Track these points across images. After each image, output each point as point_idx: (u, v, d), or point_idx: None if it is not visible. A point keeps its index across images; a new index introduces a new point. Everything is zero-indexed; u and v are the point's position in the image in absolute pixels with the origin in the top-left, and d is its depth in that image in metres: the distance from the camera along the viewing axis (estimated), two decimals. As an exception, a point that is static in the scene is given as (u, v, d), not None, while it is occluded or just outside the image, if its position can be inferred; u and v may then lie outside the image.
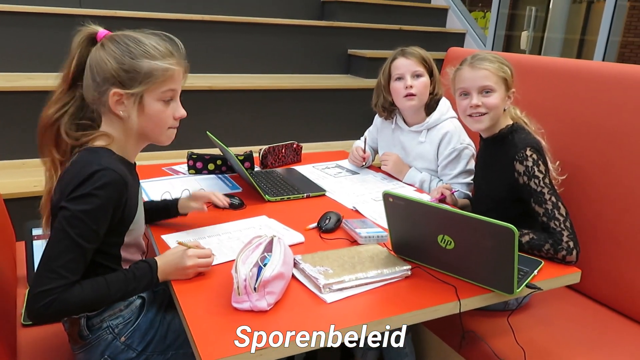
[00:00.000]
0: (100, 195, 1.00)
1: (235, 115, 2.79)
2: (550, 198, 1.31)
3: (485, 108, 1.39)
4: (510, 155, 1.36)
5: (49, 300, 0.96)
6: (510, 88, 1.41)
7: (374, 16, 3.68)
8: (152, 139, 1.16)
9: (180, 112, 1.15)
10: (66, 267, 0.98)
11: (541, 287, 1.15)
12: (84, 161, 1.04)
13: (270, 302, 0.99)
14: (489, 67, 1.38)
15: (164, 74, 1.08)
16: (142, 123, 1.10)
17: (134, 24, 3.04)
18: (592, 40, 3.24)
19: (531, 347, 1.28)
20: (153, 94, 1.08)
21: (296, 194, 1.59)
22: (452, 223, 1.09)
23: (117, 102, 1.07)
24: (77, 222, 0.99)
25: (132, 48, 1.07)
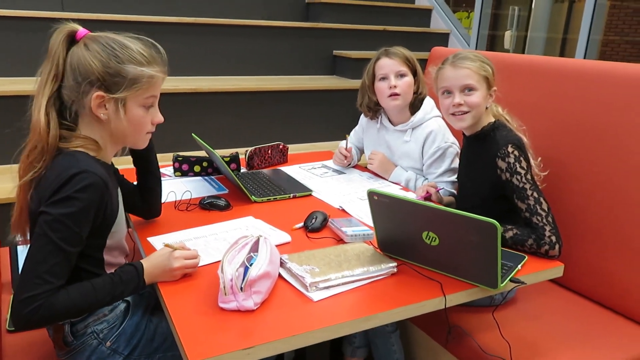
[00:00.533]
0: (81, 198, 1.00)
1: (221, 118, 2.79)
2: (532, 194, 1.33)
3: (467, 106, 1.41)
4: (492, 153, 1.38)
5: (35, 306, 0.95)
6: (491, 86, 1.43)
7: (358, 17, 3.69)
8: (129, 143, 1.17)
9: (158, 117, 1.17)
10: (51, 272, 0.97)
11: (525, 281, 1.16)
12: (63, 165, 1.04)
13: (257, 301, 1.00)
14: (471, 66, 1.40)
15: (149, 80, 1.09)
16: (122, 127, 1.11)
17: (117, 27, 3.01)
18: (574, 39, 3.29)
19: (517, 341, 1.30)
20: (136, 99, 1.09)
21: (282, 195, 1.60)
22: (436, 219, 1.10)
23: (99, 105, 1.07)
24: (60, 226, 0.98)
25: (118, 52, 1.06)
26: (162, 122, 1.17)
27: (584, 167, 1.54)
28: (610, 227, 1.48)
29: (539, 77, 1.71)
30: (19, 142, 2.42)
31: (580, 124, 1.55)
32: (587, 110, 1.54)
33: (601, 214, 1.50)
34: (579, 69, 1.60)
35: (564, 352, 1.30)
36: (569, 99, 1.60)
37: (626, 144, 1.44)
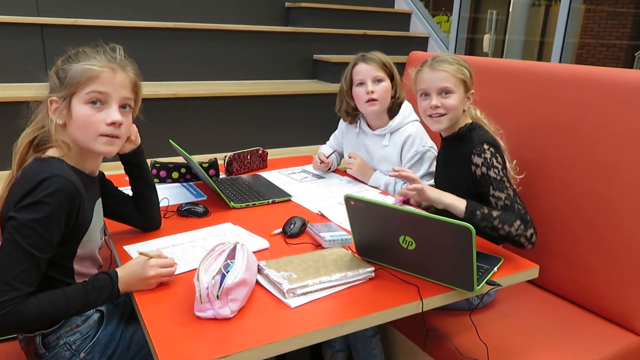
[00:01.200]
0: (50, 203, 0.99)
1: (200, 123, 2.77)
2: (511, 186, 1.36)
3: (444, 109, 1.42)
4: (468, 151, 1.40)
5: (3, 313, 0.93)
6: (469, 89, 1.44)
7: (338, 21, 3.71)
8: (88, 148, 1.10)
9: (112, 117, 1.09)
10: (19, 278, 0.96)
11: (501, 283, 1.18)
12: (34, 170, 1.03)
13: (234, 309, 0.99)
14: (448, 69, 1.41)
15: (84, 74, 1.07)
16: (73, 130, 1.09)
17: (93, 32, 3.01)
18: (551, 42, 3.34)
19: (494, 342, 1.32)
20: (78, 96, 1.07)
21: (261, 200, 1.59)
22: (412, 224, 1.11)
23: (55, 110, 1.09)
24: (28, 232, 0.97)
25: (70, 59, 1.10)
26: (118, 121, 1.10)
27: (558, 168, 1.57)
28: (583, 227, 1.50)
29: (514, 81, 1.74)
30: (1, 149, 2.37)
31: (555, 126, 1.58)
32: (561, 112, 1.57)
33: (575, 214, 1.52)
34: (551, 72, 1.63)
35: (540, 352, 1.32)
36: (543, 101, 1.63)
37: (599, 144, 1.47)
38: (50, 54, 2.70)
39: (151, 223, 1.36)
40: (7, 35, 2.60)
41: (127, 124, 1.15)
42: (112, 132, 1.10)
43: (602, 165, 1.46)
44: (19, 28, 2.62)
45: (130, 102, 1.15)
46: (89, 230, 1.11)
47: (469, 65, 1.46)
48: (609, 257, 1.44)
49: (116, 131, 1.11)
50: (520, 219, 1.30)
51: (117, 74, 1.10)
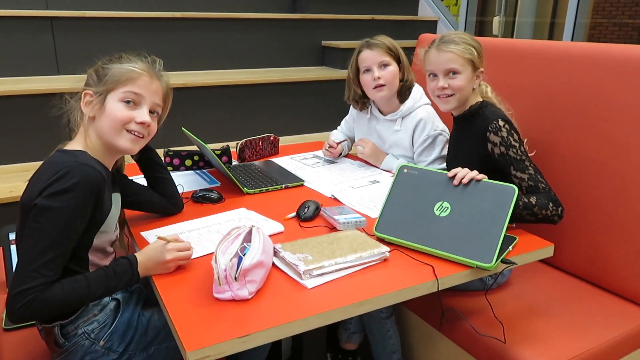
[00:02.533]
0: (78, 191, 1.01)
1: (211, 111, 2.78)
2: (530, 164, 1.37)
3: (451, 90, 1.43)
4: (482, 127, 1.39)
5: (28, 300, 0.95)
6: (477, 68, 1.44)
7: (346, 7, 3.69)
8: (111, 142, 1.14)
9: (142, 117, 1.15)
10: (46, 266, 0.98)
11: (516, 262, 1.18)
12: (59, 160, 1.06)
13: (252, 290, 1.00)
14: (454, 49, 1.41)
15: (126, 74, 1.14)
16: (101, 123, 1.14)
17: (102, 23, 3.02)
18: (562, 23, 3.30)
19: (510, 322, 1.32)
20: (115, 93, 1.14)
21: (275, 185, 1.61)
22: (457, 188, 1.23)
23: (87, 103, 1.14)
24: (57, 220, 0.99)
25: (112, 60, 1.17)
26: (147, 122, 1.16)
27: (570, 147, 1.55)
28: (597, 205, 1.50)
29: (524, 61, 1.72)
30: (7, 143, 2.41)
31: (567, 105, 1.57)
32: (572, 91, 1.56)
33: (588, 192, 1.52)
34: (562, 50, 1.61)
35: (557, 331, 1.33)
36: (554, 80, 1.61)
37: (612, 123, 1.46)
38: (60, 46, 2.72)
39: (174, 203, 1.40)
40: (17, 29, 2.62)
41: (153, 128, 1.20)
42: (139, 130, 1.16)
43: (615, 143, 1.45)
44: (28, 22, 2.64)
45: (159, 108, 1.22)
46: (106, 221, 1.13)
47: (477, 43, 1.45)
48: (623, 234, 1.44)
49: (143, 131, 1.17)
50: (550, 199, 1.32)
51: (153, 81, 1.18)
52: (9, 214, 1.99)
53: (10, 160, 2.33)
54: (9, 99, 2.30)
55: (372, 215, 1.40)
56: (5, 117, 2.30)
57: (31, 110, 2.32)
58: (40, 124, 2.28)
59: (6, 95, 2.29)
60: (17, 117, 2.31)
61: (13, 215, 1.99)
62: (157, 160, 1.38)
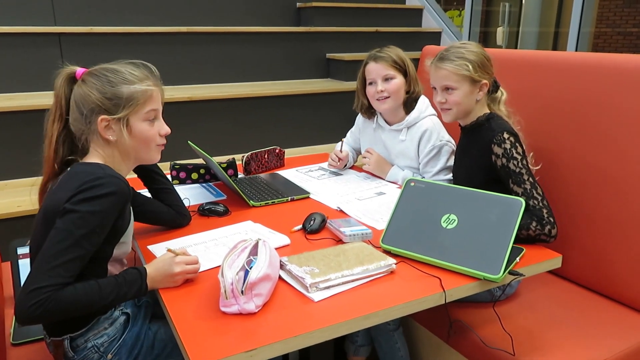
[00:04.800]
0: (108, 200, 1.04)
1: (216, 124, 2.80)
2: (529, 179, 1.36)
3: (448, 104, 1.46)
4: (488, 139, 1.41)
5: (42, 299, 0.95)
6: (477, 81, 1.43)
7: (350, 19, 3.72)
8: (142, 158, 1.22)
9: (165, 129, 1.23)
10: (64, 266, 0.99)
11: (523, 273, 1.17)
12: (87, 170, 1.08)
13: (258, 304, 1.00)
14: (448, 67, 1.43)
15: (144, 95, 1.16)
16: (132, 144, 1.17)
17: (109, 39, 3.06)
18: (566, 33, 3.30)
19: (518, 334, 1.31)
20: (137, 115, 1.16)
21: (280, 198, 1.61)
22: (463, 200, 1.24)
23: (106, 128, 1.15)
24: (84, 223, 1.01)
25: (111, 77, 1.15)
26: (170, 132, 1.23)
27: (576, 157, 1.55)
28: (603, 215, 1.49)
29: (529, 71, 1.72)
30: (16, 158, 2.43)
31: (572, 115, 1.57)
32: (578, 100, 1.56)
33: (595, 202, 1.51)
34: (566, 61, 1.62)
35: (566, 342, 1.31)
36: (559, 90, 1.61)
37: (617, 132, 1.45)
38: (68, 61, 2.74)
39: (182, 213, 1.41)
40: (25, 45, 2.66)
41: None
42: (163, 142, 1.24)
43: (620, 151, 1.44)
44: (37, 37, 2.68)
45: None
46: (126, 231, 1.15)
47: (478, 56, 1.43)
48: (630, 244, 1.43)
49: (165, 140, 1.24)
50: (536, 218, 1.30)
51: (159, 90, 1.21)
52: (18, 228, 2.01)
53: (18, 174, 2.35)
54: (17, 114, 2.33)
55: (378, 227, 1.40)
56: (14, 131, 2.33)
57: (39, 125, 2.34)
58: (48, 139, 2.30)
59: (15, 111, 2.32)
60: (25, 132, 2.34)
61: (21, 229, 2.00)
62: (158, 172, 1.40)
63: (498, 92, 1.51)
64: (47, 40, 2.70)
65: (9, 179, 2.35)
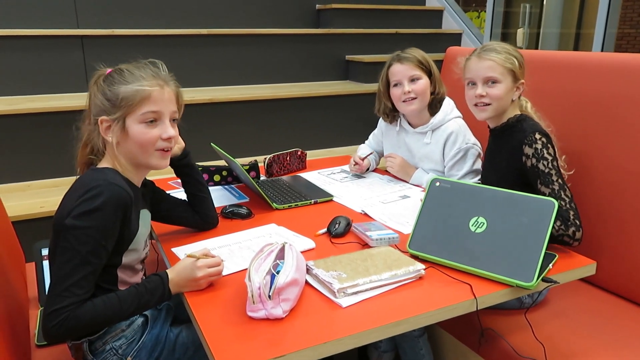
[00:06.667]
0: (105, 211, 1.01)
1: (237, 127, 2.80)
2: (557, 180, 1.32)
3: (489, 98, 1.41)
4: (519, 140, 1.37)
5: (62, 319, 0.96)
6: (518, 79, 1.41)
7: (369, 21, 3.69)
8: (142, 163, 1.16)
9: (168, 132, 1.14)
10: (78, 284, 0.98)
11: (557, 280, 1.13)
12: (90, 178, 1.06)
13: (286, 309, 0.98)
14: (495, 58, 1.38)
15: (137, 95, 1.10)
16: (128, 147, 1.12)
17: (131, 41, 3.07)
18: (587, 34, 3.24)
19: (550, 342, 1.27)
20: (133, 116, 1.11)
21: (304, 201, 1.59)
22: (491, 202, 1.19)
23: (107, 129, 1.12)
24: (87, 239, 1.00)
25: (114, 79, 1.12)
26: (173, 136, 1.15)
27: (608, 160, 1.50)
28: (637, 221, 1.44)
29: (559, 72, 1.68)
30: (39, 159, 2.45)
31: (605, 117, 1.52)
32: (611, 102, 1.51)
33: (628, 207, 1.46)
34: (595, 61, 1.57)
35: (601, 353, 1.27)
36: (590, 92, 1.57)
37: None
38: (90, 64, 2.77)
39: (208, 221, 1.38)
40: (49, 48, 2.68)
41: (176, 135, 1.19)
42: (166, 146, 1.15)
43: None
44: (60, 40, 2.71)
45: (176, 114, 1.19)
46: (135, 239, 1.13)
47: (520, 55, 1.42)
48: (669, 252, 1.38)
49: (170, 145, 1.16)
50: (561, 218, 1.26)
51: (164, 90, 1.14)
52: (42, 229, 2.02)
53: (41, 175, 2.37)
54: (41, 116, 2.35)
55: (404, 231, 1.38)
56: (37, 133, 2.35)
57: (62, 126, 2.35)
58: (71, 140, 2.32)
59: (38, 112, 2.34)
60: (49, 133, 2.36)
61: (45, 230, 2.01)
62: (199, 179, 1.38)
63: (522, 100, 1.47)
64: (70, 42, 2.73)
65: (32, 180, 2.37)
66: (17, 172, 2.33)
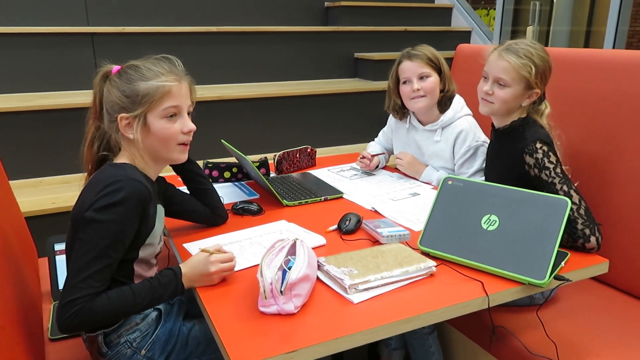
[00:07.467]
0: (125, 206, 1.03)
1: (246, 124, 2.81)
2: (562, 187, 1.30)
3: (494, 98, 1.39)
4: (520, 148, 1.36)
5: (76, 310, 0.97)
6: (532, 88, 1.37)
7: (378, 19, 3.68)
8: (164, 157, 1.18)
9: (188, 126, 1.17)
10: (94, 277, 0.99)
11: (570, 278, 1.13)
12: (109, 173, 1.07)
13: (298, 304, 0.99)
14: (512, 61, 1.35)
15: (160, 91, 1.11)
16: (150, 142, 1.14)
17: (141, 39, 3.09)
18: (598, 32, 3.22)
19: (561, 341, 1.26)
20: (154, 112, 1.12)
21: (314, 198, 1.59)
22: (503, 200, 1.19)
23: (127, 126, 1.13)
24: (106, 233, 1.01)
25: (130, 75, 1.12)
26: (194, 130, 1.18)
27: (620, 159, 1.49)
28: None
29: (568, 69, 1.67)
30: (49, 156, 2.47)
31: (620, 117, 1.51)
32: (626, 102, 1.50)
33: (638, 205, 1.45)
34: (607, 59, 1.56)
35: (613, 351, 1.26)
36: (607, 91, 1.55)
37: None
38: (100, 61, 2.78)
39: (218, 214, 1.39)
40: (59, 45, 2.70)
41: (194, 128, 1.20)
42: (186, 140, 1.18)
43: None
44: (70, 37, 2.72)
45: (191, 107, 1.20)
46: (152, 234, 1.14)
47: (544, 65, 1.37)
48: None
49: (189, 138, 1.18)
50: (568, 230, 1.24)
51: (182, 85, 1.16)
52: (53, 224, 2.04)
53: (52, 172, 2.39)
54: (51, 113, 2.37)
55: (415, 228, 1.37)
56: (48, 130, 2.37)
57: (72, 123, 2.37)
58: (82, 137, 2.33)
59: (49, 109, 2.36)
60: (59, 130, 2.38)
61: (57, 225, 2.03)
62: (198, 172, 1.38)
63: (542, 104, 1.44)
64: (80, 40, 2.75)
65: (43, 177, 2.39)
66: (29, 168, 2.36)
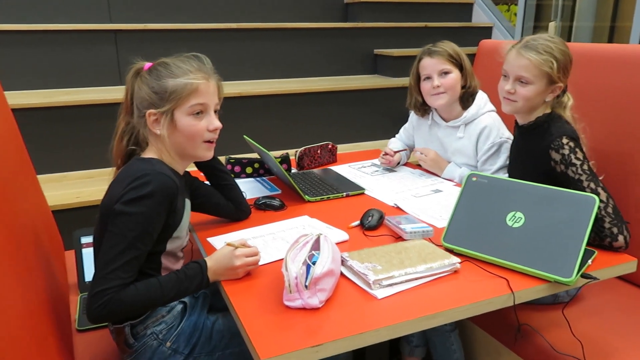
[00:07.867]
0: (154, 199, 1.04)
1: (266, 120, 2.81)
2: (589, 185, 1.28)
3: (517, 96, 1.38)
4: (545, 144, 1.34)
5: (105, 300, 0.99)
6: (554, 82, 1.36)
7: (398, 15, 3.66)
8: (190, 154, 1.20)
9: (214, 123, 1.18)
10: (122, 269, 1.01)
11: (597, 276, 1.11)
12: (137, 167, 1.09)
13: (322, 299, 0.99)
14: (533, 58, 1.33)
15: (186, 88, 1.13)
16: (176, 138, 1.15)
17: (163, 36, 3.11)
18: (623, 27, 3.15)
19: (587, 340, 1.25)
20: (182, 109, 1.14)
21: (336, 194, 1.59)
22: (529, 197, 1.18)
23: (154, 122, 1.15)
24: (134, 225, 1.02)
25: (160, 72, 1.15)
26: (220, 127, 1.20)
27: None
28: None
29: (595, 66, 1.64)
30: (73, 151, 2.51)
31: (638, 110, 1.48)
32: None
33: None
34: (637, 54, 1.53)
35: (637, 352, 1.24)
36: (627, 86, 1.52)
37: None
38: (123, 57, 2.83)
39: (241, 209, 1.41)
40: (83, 42, 2.74)
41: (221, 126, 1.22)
42: (212, 138, 1.19)
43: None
44: (93, 35, 2.76)
45: (218, 106, 1.22)
46: (179, 227, 1.16)
47: (564, 57, 1.35)
48: None
49: (215, 136, 1.20)
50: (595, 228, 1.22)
51: (210, 83, 1.18)
52: (77, 218, 2.07)
53: (76, 167, 2.43)
54: (74, 109, 2.41)
55: (438, 225, 1.37)
56: (71, 126, 2.41)
57: (96, 119, 2.42)
58: (104, 133, 2.36)
59: (72, 105, 2.40)
60: (82, 126, 2.41)
61: (81, 219, 2.06)
62: (221, 168, 1.40)
63: (564, 96, 1.41)
64: (103, 37, 2.78)
65: (67, 171, 2.43)
66: (52, 163, 2.40)
